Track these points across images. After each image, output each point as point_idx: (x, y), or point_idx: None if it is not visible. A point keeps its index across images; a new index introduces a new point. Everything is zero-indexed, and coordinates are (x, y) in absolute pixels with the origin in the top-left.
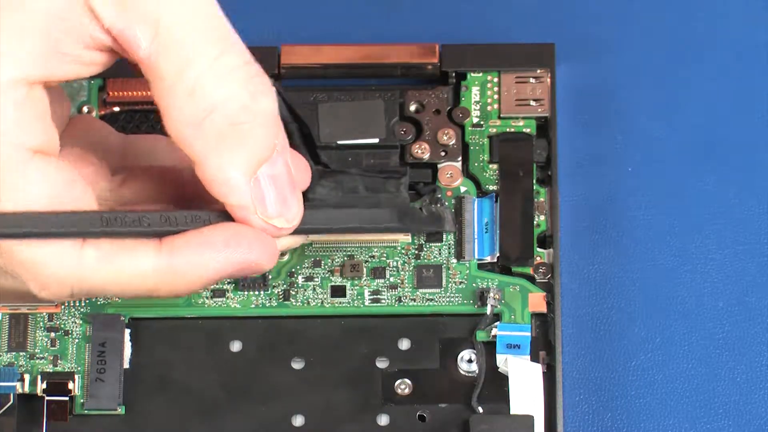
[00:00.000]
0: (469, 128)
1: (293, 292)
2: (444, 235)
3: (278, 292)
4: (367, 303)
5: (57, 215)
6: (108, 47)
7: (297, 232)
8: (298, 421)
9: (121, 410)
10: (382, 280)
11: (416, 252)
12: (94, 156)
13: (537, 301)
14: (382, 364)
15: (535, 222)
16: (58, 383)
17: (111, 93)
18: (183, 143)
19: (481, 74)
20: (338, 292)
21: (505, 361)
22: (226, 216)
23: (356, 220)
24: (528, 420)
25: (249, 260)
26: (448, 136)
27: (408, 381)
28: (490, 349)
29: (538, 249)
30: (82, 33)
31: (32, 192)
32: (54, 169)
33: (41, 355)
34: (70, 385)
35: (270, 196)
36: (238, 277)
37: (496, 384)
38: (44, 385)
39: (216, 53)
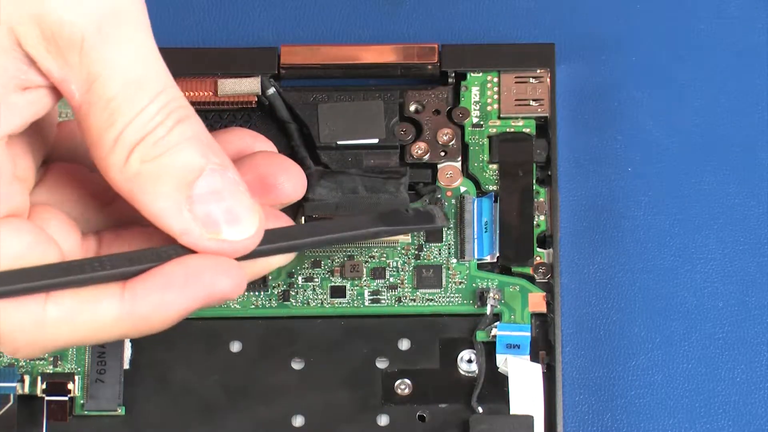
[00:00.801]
0: (469, 128)
1: (293, 293)
2: (444, 235)
3: (278, 292)
4: (366, 303)
5: (10, 273)
6: (50, 86)
7: (275, 250)
8: (298, 421)
9: (121, 411)
10: (381, 281)
11: (416, 252)
12: (82, 170)
13: (537, 301)
14: (382, 364)
15: (534, 222)
16: (57, 384)
17: None
18: (116, 188)
19: (480, 74)
20: (338, 292)
21: (505, 361)
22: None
23: (336, 229)
24: (528, 420)
25: (213, 292)
26: (448, 136)
27: (408, 381)
28: (490, 349)
29: (538, 249)
30: (23, 80)
31: None
32: (15, 236)
33: (41, 356)
34: (70, 386)
35: (212, 211)
36: (210, 307)
37: (496, 384)
38: (44, 386)
39: (144, 103)
